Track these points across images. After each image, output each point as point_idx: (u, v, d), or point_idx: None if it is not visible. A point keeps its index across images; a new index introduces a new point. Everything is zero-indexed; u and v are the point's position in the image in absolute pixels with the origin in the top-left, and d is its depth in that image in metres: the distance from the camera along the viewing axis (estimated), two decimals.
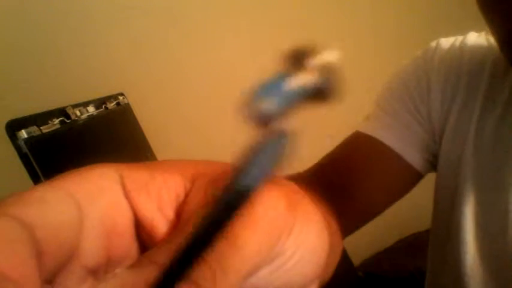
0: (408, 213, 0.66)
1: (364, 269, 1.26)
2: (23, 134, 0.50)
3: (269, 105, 0.11)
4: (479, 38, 0.48)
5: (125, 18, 1.11)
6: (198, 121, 1.23)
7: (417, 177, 0.50)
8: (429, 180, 0.52)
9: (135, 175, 0.16)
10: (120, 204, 0.15)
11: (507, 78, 0.44)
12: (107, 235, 0.15)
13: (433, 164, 0.50)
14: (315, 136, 0.74)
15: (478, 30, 0.49)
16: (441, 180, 0.49)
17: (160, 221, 0.16)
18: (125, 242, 0.16)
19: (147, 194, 0.16)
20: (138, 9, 1.11)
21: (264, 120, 0.11)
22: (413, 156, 0.48)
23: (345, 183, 0.49)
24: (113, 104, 0.79)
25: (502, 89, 0.44)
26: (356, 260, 1.21)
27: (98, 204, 0.15)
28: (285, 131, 0.12)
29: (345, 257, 0.70)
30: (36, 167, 0.49)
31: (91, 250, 0.15)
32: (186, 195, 0.16)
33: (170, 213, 0.16)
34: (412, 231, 1.33)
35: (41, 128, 0.53)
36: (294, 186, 0.19)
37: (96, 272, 0.15)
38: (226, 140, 1.24)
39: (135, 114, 0.88)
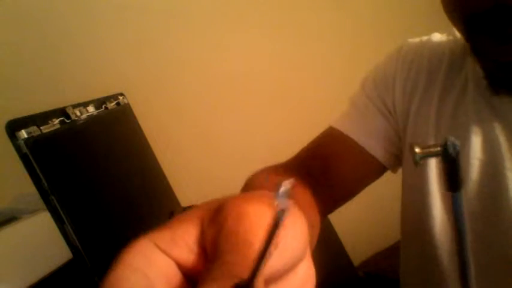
0: None
1: (364, 269, 1.26)
2: (23, 134, 0.50)
3: None
4: (440, 37, 0.54)
5: (125, 18, 1.11)
6: (198, 121, 1.23)
7: (380, 168, 0.55)
8: None
9: (161, 236, 0.21)
10: (162, 260, 0.20)
11: (464, 66, 0.49)
12: (168, 284, 0.20)
13: (399, 159, 0.55)
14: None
15: None
16: (407, 168, 0.53)
17: (194, 258, 0.21)
18: (178, 282, 0.21)
19: (175, 245, 0.21)
20: (139, 9, 1.12)
21: None
22: (376, 149, 0.53)
23: (320, 173, 0.54)
24: (113, 104, 0.79)
25: (459, 75, 0.49)
26: (356, 260, 1.21)
27: (152, 268, 0.20)
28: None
29: (345, 257, 0.70)
30: (36, 167, 0.49)
31: None
32: (203, 232, 0.21)
33: (198, 249, 0.21)
34: None
35: (41, 128, 0.53)
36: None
37: None
38: (226, 140, 1.24)
39: (135, 114, 0.88)
